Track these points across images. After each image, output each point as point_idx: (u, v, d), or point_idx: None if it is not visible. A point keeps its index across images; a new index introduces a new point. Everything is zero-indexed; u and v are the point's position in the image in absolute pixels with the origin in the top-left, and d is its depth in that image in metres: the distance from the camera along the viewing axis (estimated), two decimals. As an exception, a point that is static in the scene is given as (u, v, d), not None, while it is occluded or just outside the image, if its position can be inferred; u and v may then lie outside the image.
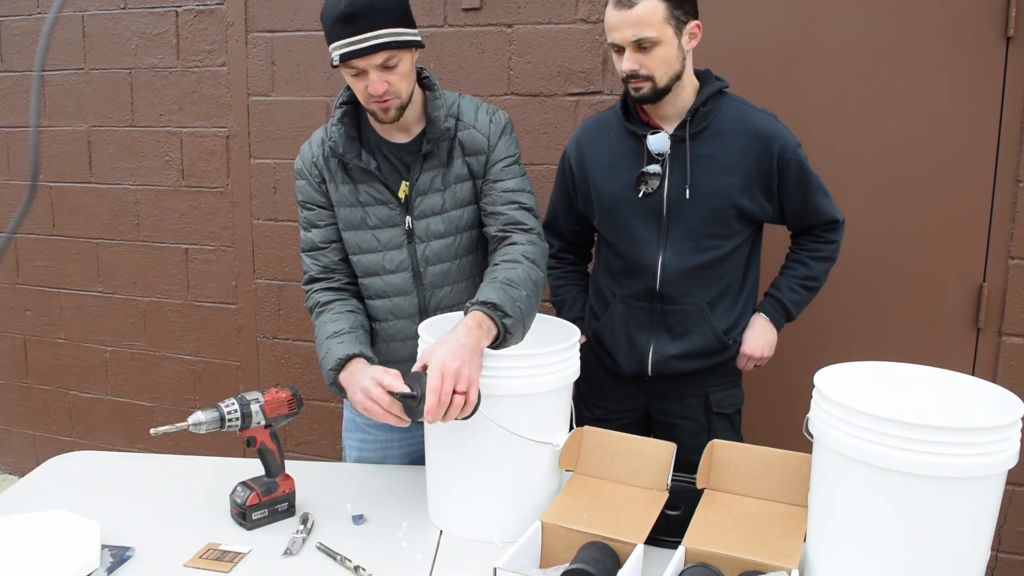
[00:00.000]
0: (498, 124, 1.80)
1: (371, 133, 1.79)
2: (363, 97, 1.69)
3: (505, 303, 1.55)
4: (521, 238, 1.73)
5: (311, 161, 1.82)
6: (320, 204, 1.83)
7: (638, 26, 1.78)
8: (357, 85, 1.68)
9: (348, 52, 1.62)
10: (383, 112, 1.70)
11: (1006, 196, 2.34)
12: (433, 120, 1.74)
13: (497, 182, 1.79)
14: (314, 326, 1.81)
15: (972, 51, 2.31)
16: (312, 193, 1.83)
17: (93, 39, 3.19)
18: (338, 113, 1.78)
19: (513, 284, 1.60)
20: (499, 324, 1.53)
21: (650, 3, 1.77)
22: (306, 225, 1.87)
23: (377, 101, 1.68)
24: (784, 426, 2.01)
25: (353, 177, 1.78)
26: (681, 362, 1.99)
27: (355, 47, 1.62)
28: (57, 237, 3.40)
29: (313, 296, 1.84)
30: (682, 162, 1.91)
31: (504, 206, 1.76)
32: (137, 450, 3.36)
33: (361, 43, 1.61)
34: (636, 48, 1.81)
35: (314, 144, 1.84)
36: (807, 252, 2.03)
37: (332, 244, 1.85)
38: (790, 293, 2.02)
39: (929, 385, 1.42)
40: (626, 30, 1.79)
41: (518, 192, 1.78)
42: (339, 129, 1.76)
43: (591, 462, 1.62)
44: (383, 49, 1.62)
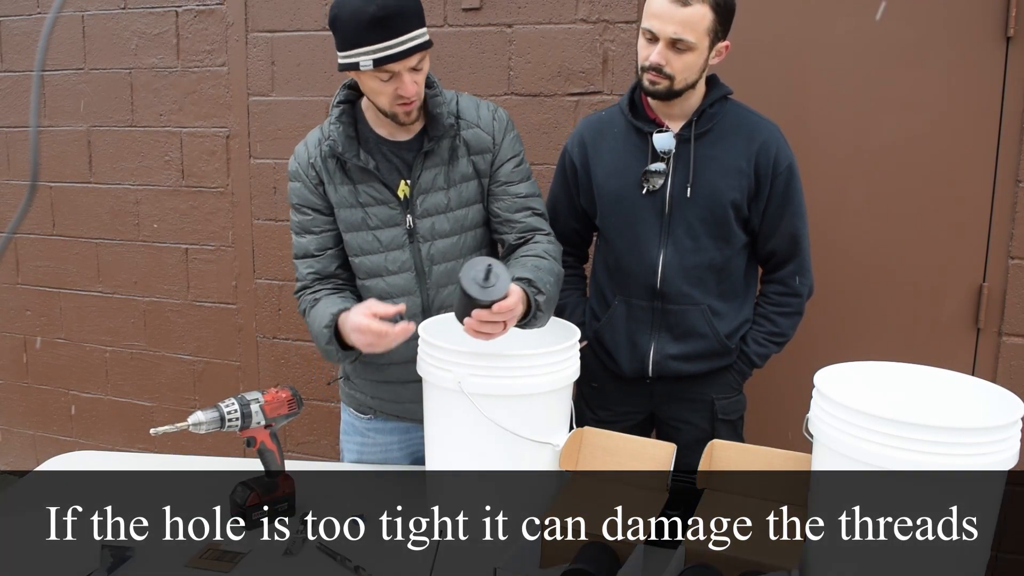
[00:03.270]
0: (501, 121, 1.81)
1: (369, 132, 1.78)
2: (388, 100, 1.67)
3: (538, 280, 1.61)
4: (541, 238, 1.80)
5: (308, 162, 1.79)
6: (316, 207, 1.80)
7: (683, 26, 1.76)
8: (384, 88, 1.65)
9: (385, 56, 1.60)
10: (406, 115, 1.70)
11: (1006, 196, 2.34)
12: (436, 117, 1.74)
13: (508, 185, 1.81)
14: (308, 321, 1.81)
15: (972, 51, 2.31)
16: (308, 196, 1.80)
17: (93, 39, 3.18)
18: (336, 112, 1.76)
19: (541, 269, 1.66)
20: (532, 300, 1.58)
21: (702, 9, 1.76)
22: (299, 230, 1.84)
23: (403, 103, 1.67)
24: (784, 426, 2.01)
25: (352, 177, 1.77)
26: (681, 363, 1.99)
27: (392, 51, 1.59)
28: (57, 237, 3.40)
29: (305, 298, 1.83)
30: (686, 162, 1.91)
31: (519, 213, 1.81)
32: (137, 450, 3.36)
33: (398, 47, 1.59)
34: (671, 45, 1.79)
35: (310, 145, 1.81)
36: (773, 307, 2.02)
37: (327, 251, 1.83)
38: (756, 347, 2.02)
39: (929, 385, 1.42)
40: (670, 25, 1.77)
41: (531, 197, 1.83)
42: (338, 128, 1.74)
43: (591, 462, 1.62)
44: (419, 51, 1.63)
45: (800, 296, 2.01)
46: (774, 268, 2.02)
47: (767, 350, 2.02)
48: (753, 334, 2.02)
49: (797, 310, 2.02)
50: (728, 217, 1.92)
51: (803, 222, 1.97)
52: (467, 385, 1.48)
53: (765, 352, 2.02)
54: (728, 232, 1.93)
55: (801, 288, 2.00)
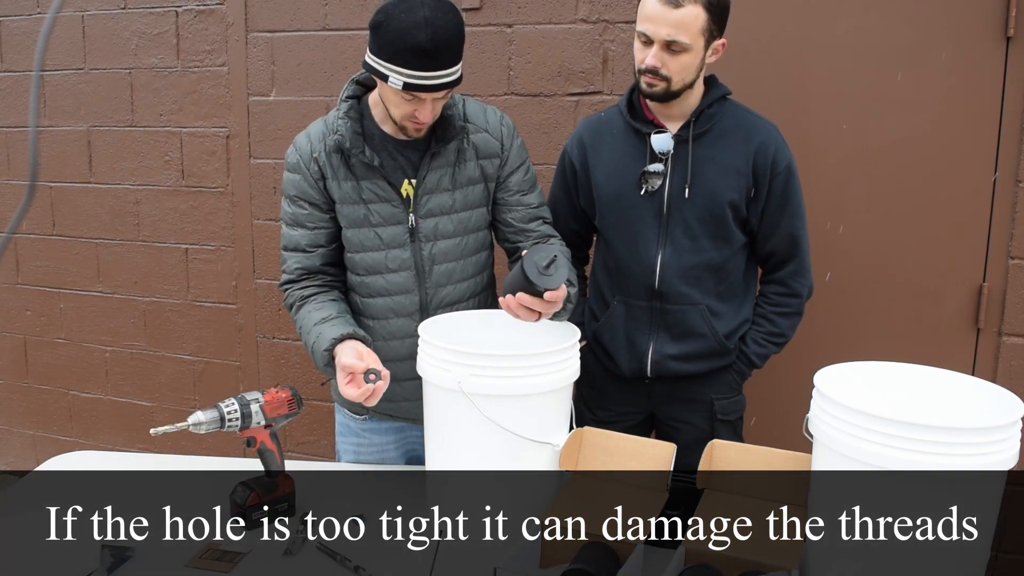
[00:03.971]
0: (508, 128, 1.84)
1: (375, 129, 1.78)
2: (403, 115, 1.68)
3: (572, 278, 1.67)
4: (555, 242, 1.88)
5: (310, 156, 1.77)
6: (313, 201, 1.78)
7: (676, 28, 1.76)
8: (404, 106, 1.66)
9: (417, 85, 1.60)
10: (416, 131, 1.72)
11: (1006, 196, 2.34)
12: (448, 119, 1.75)
13: (521, 195, 1.85)
14: (295, 319, 1.80)
15: (972, 51, 2.31)
16: (307, 189, 1.78)
17: (93, 39, 3.18)
18: (344, 107, 1.75)
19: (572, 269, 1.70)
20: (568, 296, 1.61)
21: (695, 9, 1.76)
22: (292, 222, 1.81)
23: (416, 123, 1.68)
24: (784, 426, 2.01)
25: (356, 173, 1.76)
26: (680, 363, 1.99)
27: (427, 82, 1.60)
28: (57, 237, 3.40)
29: (293, 293, 1.82)
30: (684, 162, 1.91)
31: (532, 223, 1.87)
32: (137, 450, 3.36)
33: (434, 79, 1.60)
34: (665, 47, 1.79)
35: (314, 138, 1.79)
36: (773, 307, 2.02)
37: (319, 249, 1.81)
38: (755, 347, 2.02)
39: (929, 385, 1.42)
40: (663, 28, 1.77)
41: (541, 207, 1.90)
42: (346, 123, 1.73)
43: (591, 462, 1.62)
44: (450, 87, 1.64)
45: (800, 296, 2.01)
46: (773, 268, 2.02)
47: (766, 350, 2.02)
48: (753, 334, 2.02)
49: (797, 310, 2.02)
50: (726, 217, 1.92)
51: (802, 222, 1.97)
52: (467, 385, 1.48)
53: (764, 352, 2.02)
54: (726, 232, 1.93)
55: (801, 288, 2.00)
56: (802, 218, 1.97)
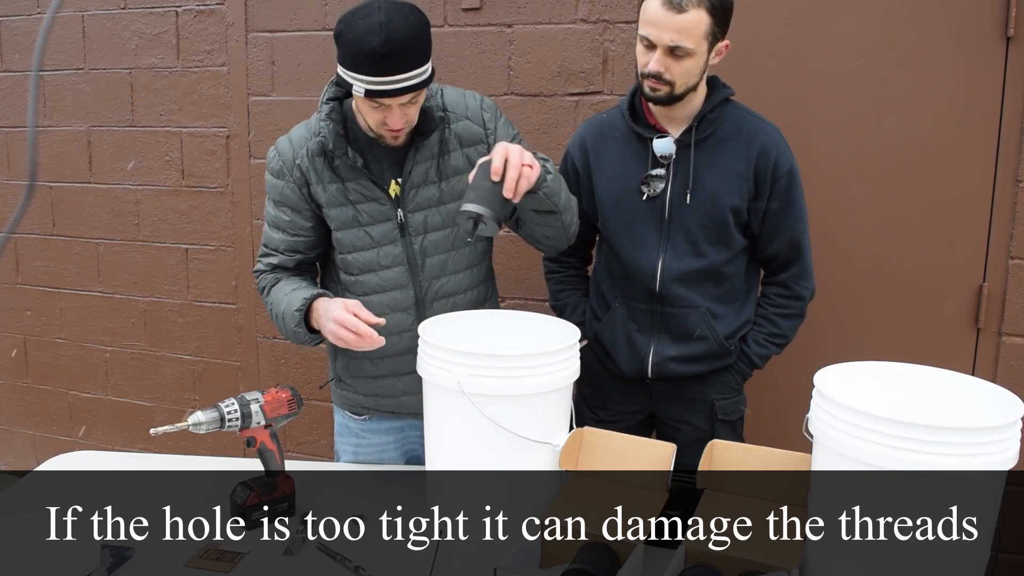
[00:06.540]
0: (490, 109, 1.82)
1: (358, 130, 1.78)
2: (376, 123, 1.68)
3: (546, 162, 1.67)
4: None
5: (293, 163, 1.78)
6: (295, 207, 1.79)
7: (680, 33, 1.75)
8: (373, 114, 1.66)
9: (377, 91, 1.60)
10: (393, 139, 1.71)
11: (1006, 196, 2.34)
12: (426, 112, 1.74)
13: None
14: (267, 302, 1.83)
15: (972, 51, 2.31)
16: (289, 195, 1.79)
17: (93, 39, 3.18)
18: (326, 109, 1.75)
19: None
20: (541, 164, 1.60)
21: (698, 14, 1.74)
22: (272, 224, 1.84)
23: (389, 130, 1.68)
24: (784, 426, 2.01)
25: (340, 175, 1.76)
26: (680, 365, 1.99)
27: (386, 87, 1.59)
28: (57, 237, 3.40)
29: (265, 277, 1.85)
30: (686, 167, 1.91)
31: None
32: (137, 450, 3.36)
33: (392, 84, 1.59)
34: (668, 52, 1.77)
35: (296, 143, 1.79)
36: (775, 308, 2.02)
37: (295, 255, 1.83)
38: (756, 347, 2.02)
39: (929, 385, 1.42)
40: (666, 33, 1.75)
41: None
42: (328, 125, 1.73)
43: (591, 462, 1.62)
44: (413, 91, 1.62)
45: (802, 299, 2.01)
46: (776, 271, 2.02)
47: (767, 351, 2.02)
48: (754, 335, 2.02)
49: (799, 312, 2.02)
50: (727, 222, 1.91)
51: (804, 226, 1.97)
52: (467, 385, 1.48)
53: (765, 353, 2.02)
54: (728, 237, 1.93)
55: (803, 291, 2.00)
56: (804, 221, 1.97)
